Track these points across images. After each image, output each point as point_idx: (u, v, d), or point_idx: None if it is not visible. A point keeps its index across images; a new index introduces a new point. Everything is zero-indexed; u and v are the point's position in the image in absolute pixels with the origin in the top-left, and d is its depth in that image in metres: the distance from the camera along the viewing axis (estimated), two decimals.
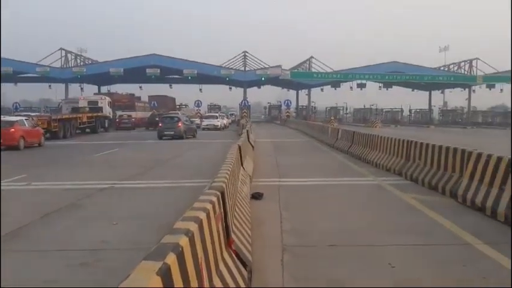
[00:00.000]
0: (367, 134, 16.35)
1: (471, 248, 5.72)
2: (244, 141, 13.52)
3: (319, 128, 28.67)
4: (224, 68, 57.14)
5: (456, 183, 8.86)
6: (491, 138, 33.32)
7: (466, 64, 65.96)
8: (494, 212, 7.18)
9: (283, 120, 58.43)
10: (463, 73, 65.64)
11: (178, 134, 27.28)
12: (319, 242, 6.00)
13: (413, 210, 7.97)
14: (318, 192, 9.74)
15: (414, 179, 10.83)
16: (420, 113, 73.94)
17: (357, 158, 16.00)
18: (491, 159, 7.85)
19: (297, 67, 63.81)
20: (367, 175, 12.19)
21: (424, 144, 11.00)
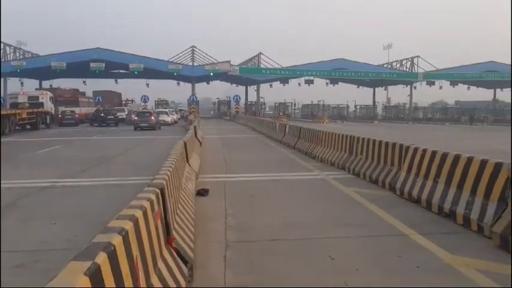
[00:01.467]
0: (313, 129, 16.65)
1: (406, 239, 5.97)
2: (191, 137, 13.41)
3: (268, 124, 28.90)
4: (172, 62, 56.30)
5: (395, 176, 9.21)
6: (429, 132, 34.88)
7: (407, 62, 68.57)
8: (429, 203, 7.53)
9: (232, 116, 58.47)
10: (405, 70, 68.20)
11: (152, 125, 33.35)
12: (263, 237, 6.05)
13: (354, 203, 8.22)
14: (264, 187, 9.83)
15: (357, 173, 11.16)
16: (365, 108, 76.26)
17: (303, 153, 16.27)
18: (426, 153, 8.22)
19: (245, 63, 63.89)
20: (313, 170, 12.43)
21: (366, 139, 11.36)
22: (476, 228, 6.22)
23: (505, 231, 5.48)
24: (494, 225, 5.76)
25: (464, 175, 6.91)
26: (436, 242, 5.72)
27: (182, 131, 29.67)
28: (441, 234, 6.21)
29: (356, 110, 75.45)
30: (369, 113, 74.36)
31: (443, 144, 21.83)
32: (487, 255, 5.30)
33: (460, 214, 6.64)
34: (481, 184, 6.48)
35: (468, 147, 20.03)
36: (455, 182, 7.13)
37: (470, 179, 6.75)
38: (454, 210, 6.79)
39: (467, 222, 6.43)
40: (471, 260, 5.06)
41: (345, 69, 63.47)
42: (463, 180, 6.92)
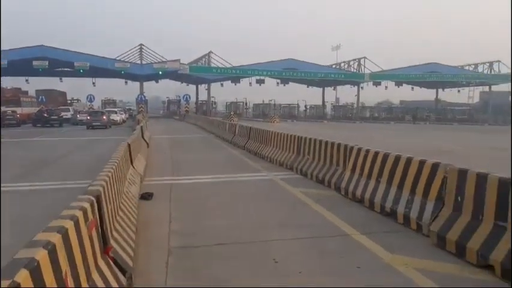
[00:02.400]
0: (263, 129, 16.69)
1: (349, 239, 6.07)
2: (137, 138, 13.08)
3: (218, 124, 28.74)
4: (119, 61, 54.84)
5: (340, 176, 9.37)
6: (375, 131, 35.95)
7: (355, 62, 70.39)
8: (372, 203, 7.71)
9: (182, 116, 57.77)
10: (352, 71, 69.97)
11: (104, 124, 34.96)
12: (207, 242, 5.96)
13: (300, 204, 8.28)
14: (211, 189, 9.72)
15: (304, 173, 11.27)
16: (315, 108, 77.57)
17: (253, 153, 16.28)
18: (369, 153, 8.40)
19: (196, 62, 63.30)
20: (261, 170, 12.44)
21: (313, 139, 11.50)
22: (415, 227, 6.42)
23: (441, 230, 5.67)
24: (431, 224, 5.95)
25: (404, 175, 7.11)
26: (377, 242, 5.85)
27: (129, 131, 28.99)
28: (382, 233, 6.35)
29: (306, 109, 76.57)
30: (319, 113, 75.71)
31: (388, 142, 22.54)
32: (426, 253, 5.47)
33: (400, 213, 6.83)
34: (419, 184, 6.68)
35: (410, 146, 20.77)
36: (396, 181, 7.33)
37: (409, 179, 6.96)
38: (395, 209, 6.98)
39: (407, 221, 6.62)
40: (410, 259, 5.20)
41: (295, 69, 64.28)
42: (403, 180, 7.12)
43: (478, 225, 5.19)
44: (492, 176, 5.16)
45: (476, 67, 72.68)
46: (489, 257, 4.77)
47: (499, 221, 4.91)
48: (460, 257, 5.21)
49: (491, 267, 4.75)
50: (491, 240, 4.88)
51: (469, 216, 5.41)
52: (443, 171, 6.18)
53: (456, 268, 4.96)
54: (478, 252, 4.94)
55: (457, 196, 5.70)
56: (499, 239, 4.80)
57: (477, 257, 4.94)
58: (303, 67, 64.50)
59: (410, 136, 31.46)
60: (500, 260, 4.62)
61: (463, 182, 5.62)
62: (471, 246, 5.06)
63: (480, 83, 73.18)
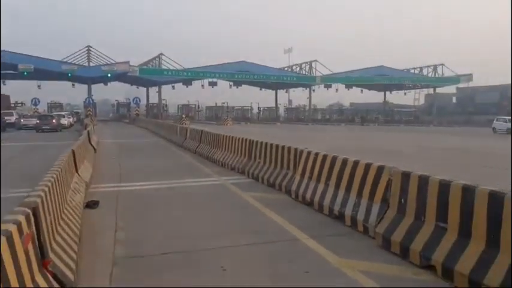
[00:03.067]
0: (214, 133, 16.56)
1: (298, 243, 6.09)
2: (82, 143, 12.65)
3: (169, 127, 28.33)
4: (66, 63, 53.06)
5: (290, 180, 9.42)
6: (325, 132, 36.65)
7: (306, 65, 71.55)
8: (321, 206, 7.79)
9: (132, 119, 56.55)
10: (304, 74, 71.06)
11: (54, 127, 35.28)
12: (154, 251, 5.80)
13: (250, 209, 8.25)
14: (159, 196, 9.52)
15: (255, 177, 11.27)
16: (268, 110, 78.18)
17: (204, 157, 16.13)
18: (318, 156, 8.51)
19: (146, 63, 62.24)
20: (212, 175, 12.33)
21: (264, 143, 11.51)
22: (362, 229, 6.54)
23: (386, 231, 5.80)
24: (377, 226, 6.08)
25: (352, 178, 7.24)
26: (325, 245, 5.91)
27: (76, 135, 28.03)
28: (330, 236, 6.43)
29: (259, 111, 77.01)
30: (272, 115, 76.33)
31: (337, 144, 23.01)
32: (371, 255, 5.57)
33: (348, 216, 6.94)
34: (366, 186, 6.82)
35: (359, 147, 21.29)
36: (343, 184, 7.45)
37: (356, 182, 7.09)
38: (343, 212, 7.09)
39: (355, 223, 6.74)
40: (356, 262, 5.28)
41: (248, 71, 64.52)
42: (351, 182, 7.25)
43: (421, 227, 5.34)
44: (433, 178, 5.32)
45: (421, 70, 75.66)
46: (431, 258, 4.91)
47: (440, 222, 5.07)
48: (404, 258, 5.35)
49: (433, 268, 4.89)
50: (432, 241, 5.03)
51: (412, 218, 5.56)
52: (387, 173, 6.34)
53: (400, 269, 5.09)
54: (420, 253, 5.08)
55: (401, 198, 5.85)
56: (440, 239, 4.95)
57: (420, 258, 5.08)
58: (256, 69, 64.90)
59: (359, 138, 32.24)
60: (441, 260, 4.76)
61: (406, 184, 5.77)
62: (414, 247, 5.20)
63: (425, 85, 76.22)
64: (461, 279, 4.47)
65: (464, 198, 4.74)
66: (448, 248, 4.79)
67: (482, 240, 4.49)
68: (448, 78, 73.69)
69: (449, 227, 4.91)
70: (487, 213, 4.45)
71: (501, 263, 4.19)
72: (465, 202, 4.73)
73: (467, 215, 4.68)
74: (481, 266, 4.34)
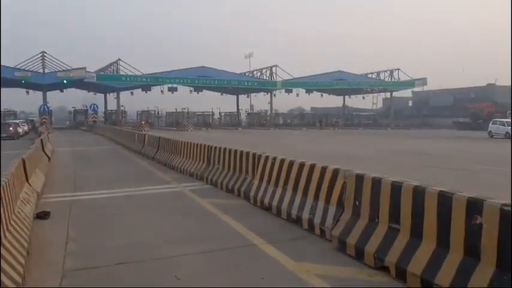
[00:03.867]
0: (172, 139, 16.33)
1: (255, 249, 6.03)
2: (34, 152, 12.16)
3: (127, 134, 27.76)
4: (19, 69, 51.21)
5: (249, 185, 9.37)
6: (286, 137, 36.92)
7: (267, 70, 71.96)
8: (279, 210, 7.77)
9: (89, 126, 55.09)
10: (265, 79, 71.44)
11: (11, 135, 34.77)
12: (107, 262, 5.60)
13: (208, 215, 8.14)
14: (115, 205, 9.25)
15: (214, 183, 11.16)
16: (229, 115, 78.00)
17: (162, 164, 15.88)
18: (276, 161, 8.50)
19: (103, 69, 60.92)
20: (170, 182, 12.13)
21: (222, 148, 11.42)
22: (319, 232, 6.55)
23: (342, 234, 5.83)
24: (333, 228, 6.10)
25: (308, 181, 7.26)
26: (282, 250, 5.87)
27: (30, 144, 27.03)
28: (288, 240, 6.41)
29: (221, 117, 76.76)
30: (233, 120, 76.24)
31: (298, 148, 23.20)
32: (327, 259, 5.58)
33: (305, 219, 6.95)
34: (322, 189, 6.85)
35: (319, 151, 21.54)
36: (301, 188, 7.46)
37: (313, 185, 7.11)
38: (300, 216, 7.09)
39: (312, 226, 6.75)
40: (312, 266, 5.27)
41: (208, 76, 64.24)
42: (308, 186, 7.26)
43: (375, 228, 5.40)
44: (385, 180, 5.39)
45: (378, 75, 77.57)
46: (385, 259, 4.96)
47: (393, 223, 5.13)
48: (359, 260, 5.38)
49: (387, 269, 4.93)
50: (386, 243, 5.08)
51: (366, 220, 5.61)
52: (342, 176, 6.38)
53: (355, 271, 5.11)
54: (374, 254, 5.12)
55: (356, 200, 5.90)
56: (393, 241, 5.01)
57: (374, 259, 5.12)
58: (217, 75, 64.71)
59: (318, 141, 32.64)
60: (394, 261, 4.82)
61: (360, 186, 5.82)
62: (368, 249, 5.24)
63: (382, 89, 78.16)
64: (414, 280, 4.52)
65: (415, 199, 4.82)
66: (400, 248, 4.85)
67: (432, 240, 4.56)
68: (404, 82, 75.89)
69: (402, 228, 4.98)
70: (437, 213, 4.53)
71: (451, 263, 4.27)
72: (416, 203, 4.81)
73: (418, 216, 4.76)
74: (432, 266, 4.41)
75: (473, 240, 4.11)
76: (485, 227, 3.99)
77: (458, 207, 4.27)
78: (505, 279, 3.74)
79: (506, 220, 3.81)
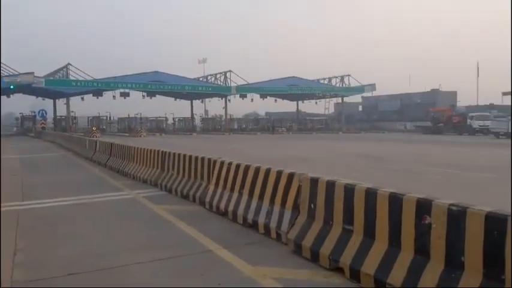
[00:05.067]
0: (125, 145, 15.98)
1: (211, 255, 5.99)
2: None
3: (77, 140, 26.91)
4: None
5: (204, 190, 9.30)
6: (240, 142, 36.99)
7: (221, 76, 71.94)
8: (235, 215, 7.76)
9: (38, 133, 53.00)
10: (219, 84, 71.35)
11: None
12: (57, 273, 5.38)
13: (163, 222, 8.00)
14: (66, 213, 8.93)
15: (169, 189, 11.00)
16: (184, 121, 77.31)
17: (115, 171, 15.50)
18: (232, 166, 8.48)
19: (52, 74, 58.83)
20: (123, 189, 11.85)
21: (177, 154, 11.29)
22: (275, 236, 6.59)
23: (297, 237, 5.89)
24: (289, 232, 6.15)
25: (264, 186, 7.29)
26: (239, 255, 5.86)
27: None
28: (244, 245, 6.41)
29: (175, 122, 75.93)
30: (188, 125, 75.65)
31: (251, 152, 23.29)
32: (284, 262, 5.62)
33: (261, 224, 6.96)
34: (278, 193, 6.89)
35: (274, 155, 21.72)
36: (257, 192, 7.47)
37: (269, 189, 7.14)
38: (256, 220, 7.10)
39: (268, 231, 6.77)
40: (269, 269, 5.29)
41: (162, 82, 63.42)
42: (263, 190, 7.29)
43: (329, 230, 5.49)
44: (339, 182, 5.51)
45: (330, 81, 79.27)
46: (339, 260, 5.05)
47: (346, 225, 5.24)
48: (314, 262, 5.45)
49: (341, 270, 5.02)
50: (340, 244, 5.18)
51: (321, 222, 5.70)
52: (297, 180, 6.46)
53: (310, 273, 5.18)
54: (329, 256, 5.20)
55: (311, 203, 5.98)
56: (347, 242, 5.11)
57: (329, 261, 5.21)
58: (170, 80, 63.99)
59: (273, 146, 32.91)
60: (348, 262, 4.91)
61: (315, 189, 5.91)
62: (323, 251, 5.32)
63: (334, 95, 79.91)
64: (367, 280, 4.63)
65: (368, 200, 4.95)
66: (354, 249, 4.96)
67: (385, 240, 4.69)
68: (354, 88, 77.94)
69: (355, 229, 5.09)
70: (388, 214, 4.66)
71: (402, 262, 4.40)
72: (368, 204, 4.93)
73: (371, 217, 4.88)
74: (385, 266, 4.53)
75: (423, 240, 4.26)
76: (434, 227, 4.14)
77: (409, 208, 4.42)
78: (453, 276, 3.90)
79: (453, 219, 3.97)
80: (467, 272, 3.82)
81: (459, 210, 3.94)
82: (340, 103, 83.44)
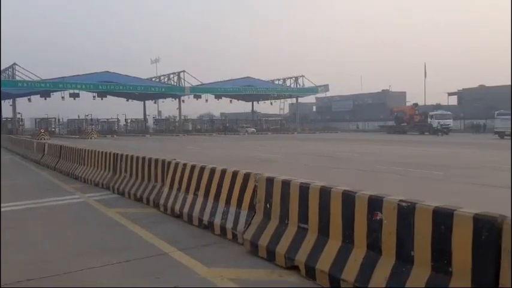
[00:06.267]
0: (75, 147, 15.49)
1: (166, 258, 5.89)
2: None
3: (25, 143, 25.83)
4: None
5: (158, 192, 9.15)
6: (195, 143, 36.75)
7: (175, 76, 71.16)
8: (190, 217, 7.68)
9: None
10: (173, 84, 70.54)
11: None
12: (6, 280, 5.12)
13: (115, 225, 7.80)
14: (14, 219, 8.50)
15: (121, 192, 10.75)
16: (136, 122, 75.96)
17: (65, 174, 15.01)
18: (187, 167, 8.39)
19: None
20: (74, 192, 11.47)
21: (130, 156, 11.05)
22: (231, 237, 6.57)
23: (253, 236, 5.90)
24: (245, 232, 6.16)
25: (220, 186, 7.25)
26: (194, 257, 5.80)
27: None
28: (200, 247, 6.35)
29: (127, 123, 74.46)
30: (141, 127, 74.41)
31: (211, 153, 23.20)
32: (240, 262, 5.61)
33: (217, 225, 6.93)
34: (234, 194, 6.88)
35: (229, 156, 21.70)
36: (212, 193, 7.43)
37: (225, 190, 7.11)
38: (212, 221, 7.06)
39: (224, 232, 6.75)
40: (225, 270, 5.27)
41: (113, 82, 61.97)
42: (219, 191, 7.25)
43: (285, 229, 5.53)
44: (294, 181, 5.56)
45: (284, 81, 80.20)
46: (295, 259, 5.10)
47: (302, 224, 5.30)
48: (271, 261, 5.48)
49: (297, 268, 5.08)
50: (296, 243, 5.23)
51: (277, 221, 5.74)
52: (253, 180, 6.47)
53: (266, 273, 5.20)
54: (285, 255, 5.25)
55: (267, 203, 6.01)
56: (302, 240, 5.17)
57: (285, 259, 5.25)
58: (122, 80, 62.69)
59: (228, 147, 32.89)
60: (303, 260, 4.97)
61: (270, 189, 5.94)
62: (279, 250, 5.36)
63: (288, 95, 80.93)
64: (322, 277, 4.70)
65: (322, 198, 5.03)
66: (309, 247, 5.02)
67: (338, 237, 4.78)
68: (308, 88, 79.24)
69: (310, 228, 5.16)
70: (342, 211, 4.76)
71: (356, 258, 4.50)
72: (323, 202, 5.01)
73: (325, 215, 4.96)
74: (339, 262, 4.61)
75: (375, 236, 4.37)
76: (385, 222, 4.26)
77: (361, 205, 4.52)
78: (404, 270, 4.02)
79: (403, 215, 4.10)
80: (416, 266, 3.95)
81: (408, 205, 4.07)
82: (295, 104, 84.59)
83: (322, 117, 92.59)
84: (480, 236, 3.49)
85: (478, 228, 3.51)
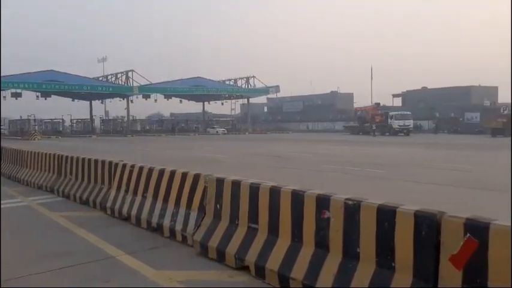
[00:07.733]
0: (17, 149, 14.81)
1: (114, 261, 5.75)
2: None
3: None
4: None
5: (105, 195, 8.91)
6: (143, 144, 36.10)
7: (123, 75, 69.51)
8: (139, 219, 7.53)
9: None
10: (120, 84, 68.88)
11: None
12: None
13: (60, 230, 7.52)
14: None
15: (66, 195, 10.38)
16: (82, 122, 73.67)
17: (6, 177, 14.33)
18: (135, 168, 8.22)
19: None
20: (16, 196, 10.96)
21: (75, 157, 10.70)
22: (180, 239, 6.50)
23: (203, 238, 5.87)
24: (195, 233, 6.11)
25: (169, 188, 7.15)
26: (142, 260, 5.69)
27: None
28: (148, 250, 6.24)
29: (72, 124, 72.04)
30: (87, 127, 72.20)
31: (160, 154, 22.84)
32: (189, 264, 5.56)
33: (166, 227, 6.83)
34: (183, 195, 6.80)
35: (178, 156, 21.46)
36: (161, 195, 7.31)
37: (174, 191, 7.02)
38: (161, 224, 6.95)
39: (173, 234, 6.66)
40: (174, 273, 5.21)
41: (57, 81, 59.70)
42: (168, 192, 7.15)
43: (235, 230, 5.54)
44: (244, 182, 5.58)
45: (235, 82, 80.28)
46: (245, 259, 5.12)
47: (252, 224, 5.33)
48: (221, 262, 5.47)
49: (247, 268, 5.10)
50: (246, 243, 5.25)
51: (227, 222, 5.73)
52: (203, 180, 6.43)
53: (216, 274, 5.18)
54: (235, 255, 5.25)
55: (217, 204, 5.99)
56: (252, 240, 5.20)
57: (235, 260, 5.25)
58: (67, 79, 60.53)
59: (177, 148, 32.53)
60: (253, 260, 5.00)
61: (220, 189, 5.93)
62: (229, 250, 5.36)
63: (239, 96, 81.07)
64: (272, 276, 4.74)
65: (272, 198, 5.07)
66: (259, 247, 5.05)
67: (288, 236, 4.84)
68: (259, 89, 79.74)
69: (260, 227, 5.20)
70: (291, 210, 4.82)
71: (304, 256, 4.57)
72: (272, 202, 5.06)
73: (275, 214, 5.01)
74: (288, 261, 4.67)
75: (322, 234, 4.46)
76: (333, 220, 4.36)
77: (309, 204, 4.60)
78: (350, 267, 4.13)
79: (349, 213, 4.21)
80: (362, 262, 4.07)
81: (354, 204, 4.19)
82: (246, 104, 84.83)
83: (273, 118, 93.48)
84: (421, 231, 3.64)
85: (419, 225, 3.66)
